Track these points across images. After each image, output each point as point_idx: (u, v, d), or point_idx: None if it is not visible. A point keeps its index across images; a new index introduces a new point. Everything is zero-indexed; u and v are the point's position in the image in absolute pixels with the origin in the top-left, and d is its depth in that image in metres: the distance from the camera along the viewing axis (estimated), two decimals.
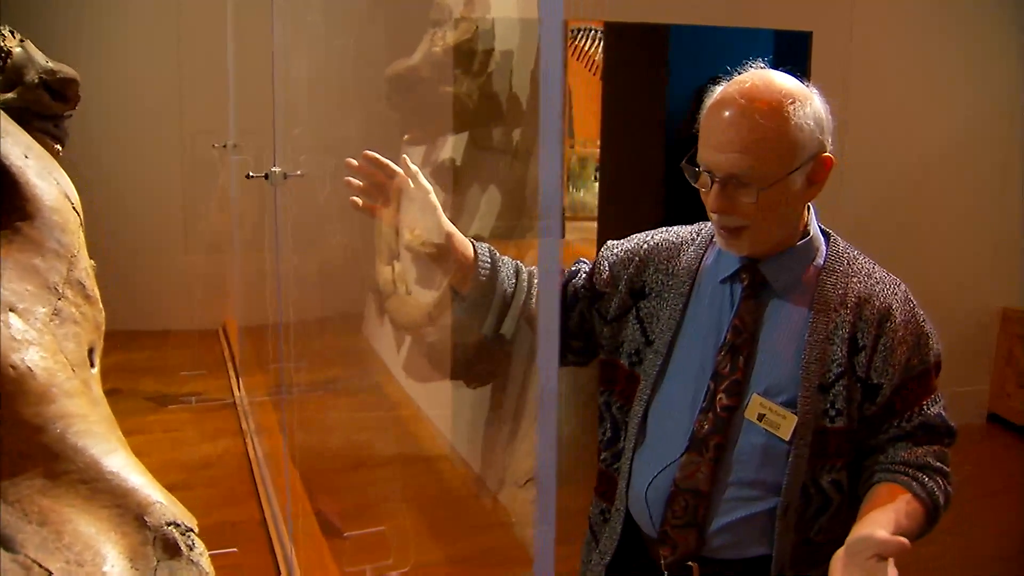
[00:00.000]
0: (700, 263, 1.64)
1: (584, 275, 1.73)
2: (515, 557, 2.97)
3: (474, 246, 1.60)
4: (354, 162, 1.57)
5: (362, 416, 3.98)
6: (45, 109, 2.33)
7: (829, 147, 1.50)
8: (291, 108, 2.68)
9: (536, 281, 1.69)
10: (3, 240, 0.95)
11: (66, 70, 2.76)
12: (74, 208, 1.01)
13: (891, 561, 1.31)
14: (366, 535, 2.77)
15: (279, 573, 2.68)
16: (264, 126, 2.83)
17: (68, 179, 1.02)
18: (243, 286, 5.21)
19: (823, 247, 1.60)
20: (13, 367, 0.89)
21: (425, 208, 1.57)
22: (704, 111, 1.52)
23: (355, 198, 1.59)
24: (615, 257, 1.71)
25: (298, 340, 3.05)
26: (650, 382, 1.61)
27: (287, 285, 2.94)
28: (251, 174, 2.52)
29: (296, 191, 2.56)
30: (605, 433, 1.73)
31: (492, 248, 1.62)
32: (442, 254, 1.58)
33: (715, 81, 1.56)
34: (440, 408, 4.07)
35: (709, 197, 1.48)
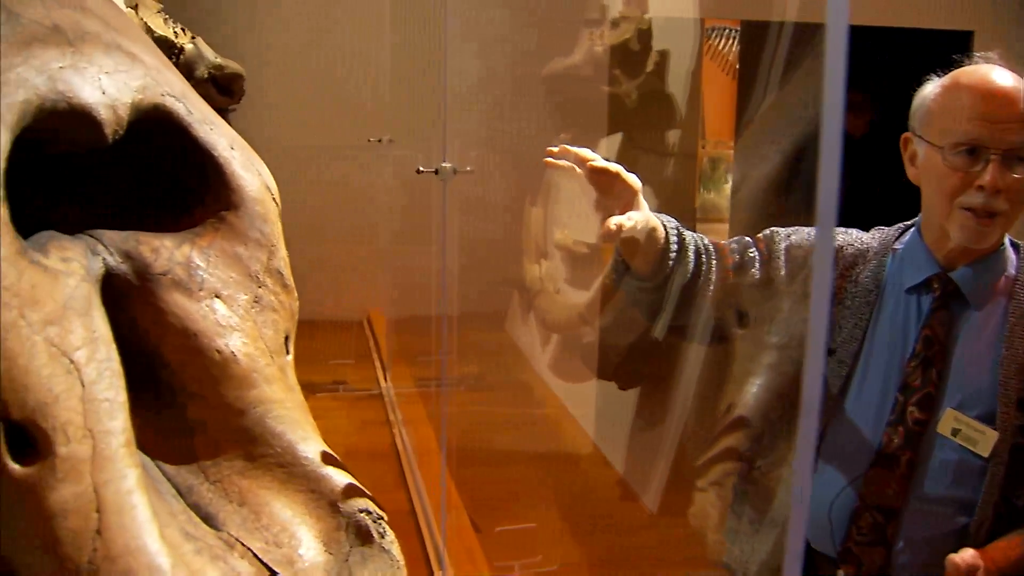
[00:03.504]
0: (884, 271, 1.60)
1: (759, 264, 1.67)
2: (657, 558, 2.95)
3: (664, 227, 1.56)
4: (555, 150, 1.56)
5: (508, 412, 4.01)
6: (212, 103, 2.41)
7: None
8: (462, 103, 2.69)
9: (714, 263, 1.63)
10: (209, 228, 0.98)
11: (233, 66, 2.86)
12: (274, 199, 1.04)
13: None
14: (515, 531, 2.78)
15: (428, 563, 2.71)
16: (427, 121, 2.87)
17: (268, 171, 1.05)
18: (395, 279, 5.29)
19: (1013, 257, 1.54)
20: (218, 352, 0.92)
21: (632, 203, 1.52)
22: (944, 91, 1.49)
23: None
24: (792, 254, 1.66)
25: (450, 334, 3.08)
26: (831, 393, 1.57)
27: (451, 280, 2.97)
28: (421, 169, 2.55)
29: (465, 186, 2.59)
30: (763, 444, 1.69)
31: (681, 228, 1.58)
32: (629, 245, 1.54)
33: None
34: (584, 408, 4.06)
35: (985, 174, 1.41)
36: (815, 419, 0.45)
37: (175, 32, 2.80)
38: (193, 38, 2.85)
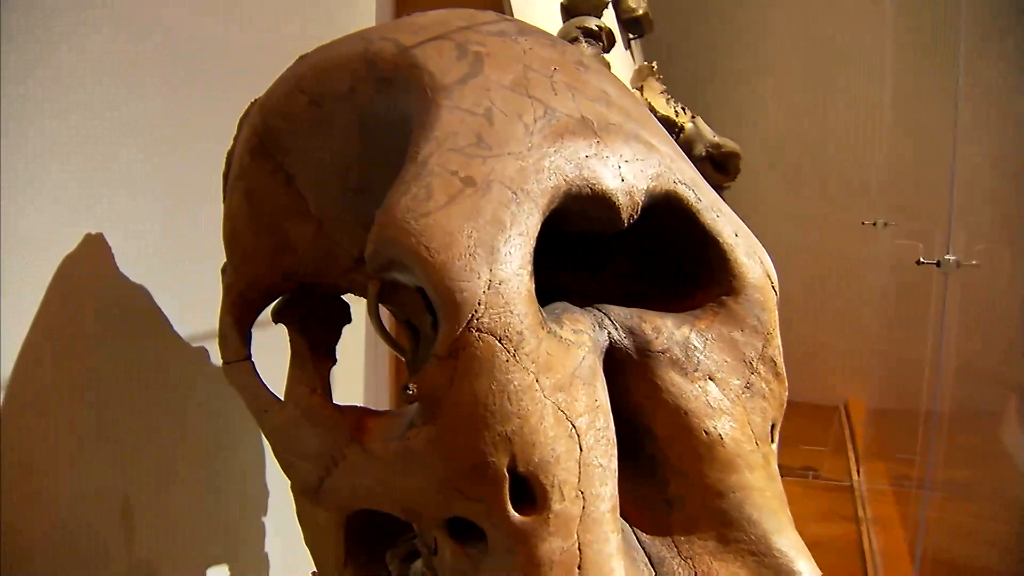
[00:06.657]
0: None
1: None
2: None
3: None
4: None
5: (991, 527, 3.68)
6: (708, 180, 2.49)
7: None
8: (970, 188, 2.53)
9: None
10: (709, 311, 1.02)
11: (729, 144, 2.93)
12: (773, 287, 1.05)
13: None
14: None
15: None
16: (925, 206, 2.72)
17: (769, 259, 1.07)
18: (878, 368, 5.08)
19: None
20: (706, 432, 0.95)
21: None
22: None
23: None
24: None
25: (937, 433, 2.90)
26: None
27: (945, 377, 2.81)
28: (922, 260, 2.44)
29: (965, 281, 2.44)
30: None
31: None
32: None
33: None
34: None
35: None
36: None
37: (676, 111, 2.95)
38: (693, 117, 2.98)
